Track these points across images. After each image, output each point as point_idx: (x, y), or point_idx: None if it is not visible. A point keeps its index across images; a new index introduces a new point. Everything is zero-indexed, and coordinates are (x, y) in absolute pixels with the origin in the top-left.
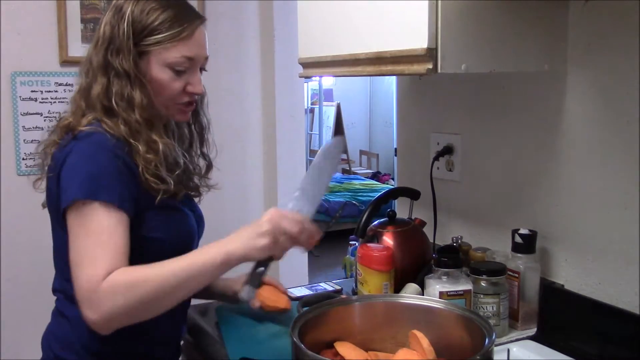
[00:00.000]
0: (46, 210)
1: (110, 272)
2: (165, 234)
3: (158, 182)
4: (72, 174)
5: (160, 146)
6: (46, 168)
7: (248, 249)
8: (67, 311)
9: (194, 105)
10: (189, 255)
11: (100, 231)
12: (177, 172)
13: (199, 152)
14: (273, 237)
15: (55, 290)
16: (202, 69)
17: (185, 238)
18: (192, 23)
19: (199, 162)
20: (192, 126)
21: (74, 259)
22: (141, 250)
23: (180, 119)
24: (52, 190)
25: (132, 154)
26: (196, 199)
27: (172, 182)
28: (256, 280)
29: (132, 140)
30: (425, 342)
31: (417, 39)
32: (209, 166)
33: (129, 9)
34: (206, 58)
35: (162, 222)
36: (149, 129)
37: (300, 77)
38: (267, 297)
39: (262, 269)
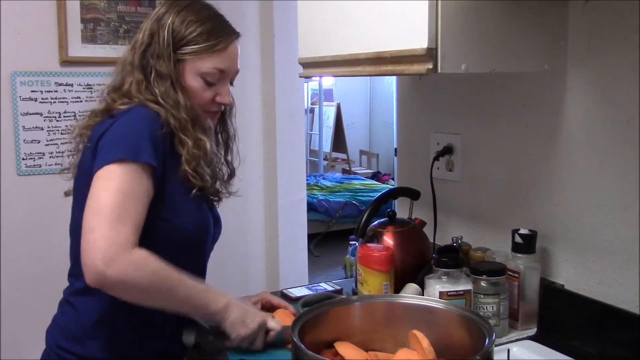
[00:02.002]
0: (46, 210)
1: (136, 242)
2: (181, 221)
3: (197, 178)
4: (113, 138)
5: (207, 144)
6: (80, 152)
7: (234, 325)
8: (75, 299)
9: (220, 113)
10: (202, 284)
11: (133, 194)
12: (212, 168)
13: (223, 159)
14: (252, 336)
15: (70, 276)
16: (231, 82)
17: (199, 231)
18: (228, 38)
19: (222, 168)
20: (219, 134)
21: (101, 207)
22: (153, 230)
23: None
24: (86, 161)
25: (173, 140)
26: (215, 203)
27: (209, 180)
28: (206, 346)
29: (181, 135)
30: (425, 342)
31: (417, 39)
32: (232, 174)
33: (170, 19)
34: (237, 72)
35: (182, 208)
36: (195, 127)
37: (300, 77)
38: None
39: (211, 339)
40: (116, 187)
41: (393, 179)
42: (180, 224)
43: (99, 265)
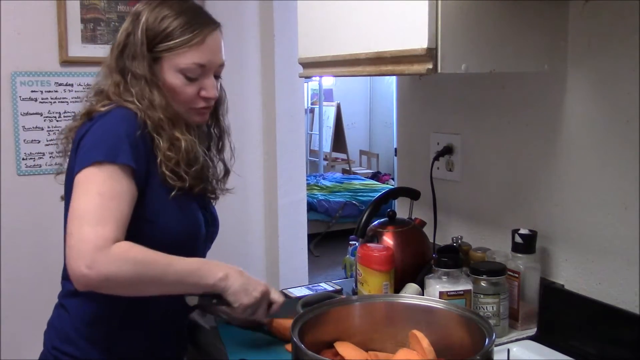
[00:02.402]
0: (46, 210)
1: (117, 240)
2: (165, 221)
3: (175, 179)
4: (92, 140)
5: (183, 144)
6: (68, 154)
7: (237, 294)
8: (67, 302)
9: (211, 108)
10: (194, 260)
11: (113, 195)
12: (195, 168)
13: (217, 156)
14: (255, 304)
15: (62, 279)
16: (217, 76)
17: (187, 231)
18: (204, 30)
19: (218, 166)
20: (212, 128)
21: (80, 212)
22: (140, 232)
23: (199, 121)
24: (71, 164)
25: (152, 140)
26: (213, 201)
27: (187, 180)
28: (207, 308)
29: (155, 135)
30: (425, 342)
31: (417, 39)
32: (227, 172)
33: (144, 16)
34: (221, 65)
35: (164, 209)
36: (172, 126)
37: (300, 77)
38: (281, 326)
39: (216, 301)
40: (95, 190)
41: (393, 179)
42: (165, 225)
43: (82, 269)
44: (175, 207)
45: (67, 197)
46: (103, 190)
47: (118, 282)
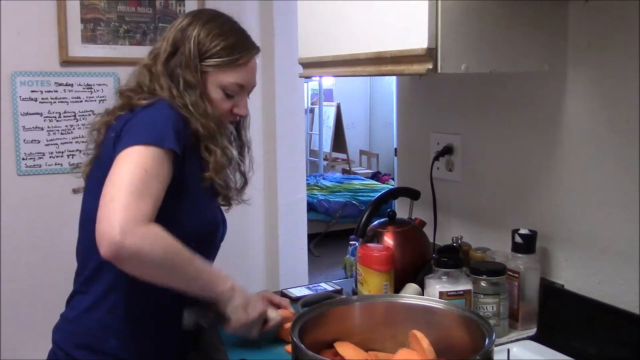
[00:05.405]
0: (46, 210)
1: (152, 219)
2: (194, 215)
3: (223, 187)
4: (138, 126)
5: (234, 153)
6: (99, 147)
7: (237, 310)
8: (86, 288)
9: (234, 123)
10: (209, 266)
11: (156, 174)
12: (238, 176)
13: (237, 169)
14: (251, 324)
15: (77, 275)
16: (248, 94)
17: (209, 227)
18: (249, 53)
19: (236, 177)
20: (233, 143)
21: (125, 181)
22: (165, 219)
23: None
24: (106, 153)
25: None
26: (224, 208)
27: (232, 187)
28: (205, 322)
29: (209, 144)
30: (425, 342)
31: (417, 39)
32: (245, 183)
33: (195, 31)
34: (254, 86)
35: (198, 204)
36: (222, 136)
37: (300, 77)
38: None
39: (212, 321)
40: (138, 164)
41: (393, 179)
42: (190, 219)
43: (115, 235)
44: (202, 203)
45: (90, 187)
46: (147, 167)
47: (145, 259)
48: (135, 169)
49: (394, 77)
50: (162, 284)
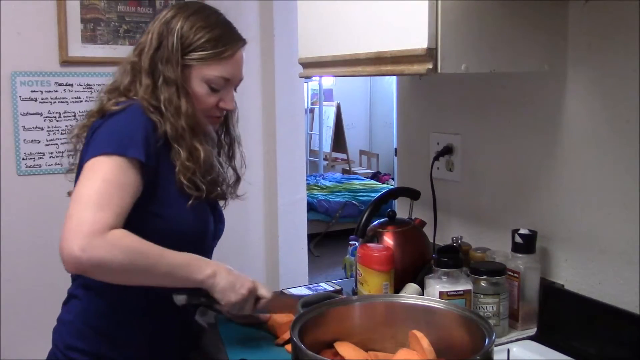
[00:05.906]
0: (46, 210)
1: (114, 227)
2: (177, 218)
3: (192, 188)
4: (105, 133)
5: (202, 154)
6: (79, 152)
7: (224, 291)
8: (79, 292)
9: (222, 117)
10: (185, 255)
11: (117, 184)
12: (212, 177)
13: (228, 165)
14: (242, 302)
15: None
16: (235, 88)
17: (197, 227)
18: (234, 45)
19: (228, 172)
20: (222, 137)
21: (82, 196)
22: (148, 225)
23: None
24: (82, 160)
25: (167, 144)
26: (221, 203)
27: (204, 189)
28: (198, 305)
29: (175, 145)
30: (425, 342)
31: (417, 39)
32: (238, 179)
33: (179, 23)
34: (241, 79)
35: (178, 207)
36: (192, 135)
37: (300, 77)
38: (276, 323)
39: (204, 300)
40: (100, 176)
41: (393, 179)
42: (175, 221)
43: (74, 251)
44: (182, 204)
45: None
46: (108, 178)
47: (108, 268)
48: (94, 182)
49: (394, 77)
50: (139, 285)
